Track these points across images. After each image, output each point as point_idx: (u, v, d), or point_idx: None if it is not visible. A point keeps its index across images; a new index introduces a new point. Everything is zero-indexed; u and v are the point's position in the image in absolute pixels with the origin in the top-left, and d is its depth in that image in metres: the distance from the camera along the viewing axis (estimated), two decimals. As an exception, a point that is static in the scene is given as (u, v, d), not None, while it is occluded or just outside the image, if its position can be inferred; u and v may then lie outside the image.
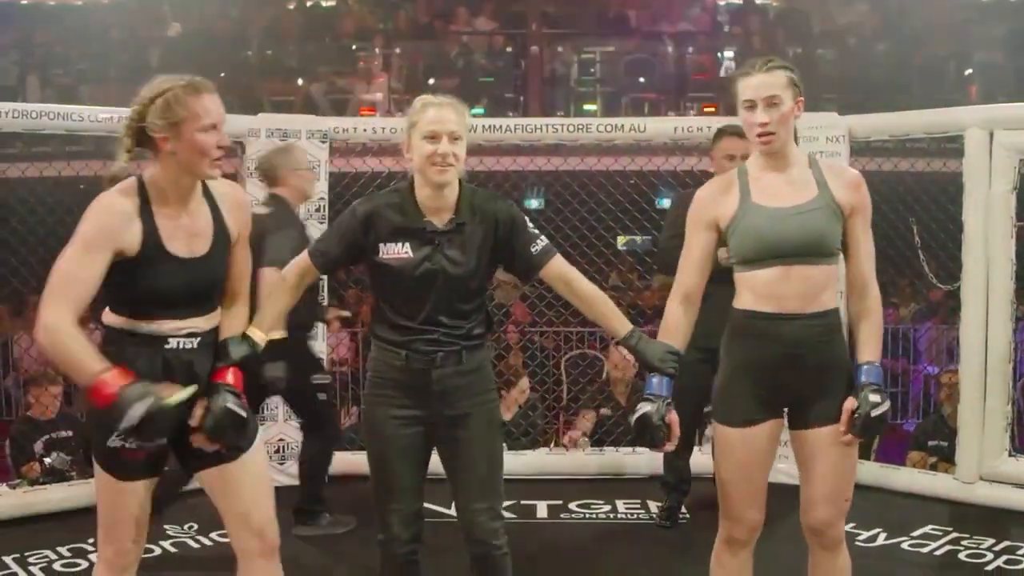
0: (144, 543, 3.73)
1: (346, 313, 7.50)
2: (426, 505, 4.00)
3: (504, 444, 4.07)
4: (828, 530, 3.78)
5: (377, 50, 14.15)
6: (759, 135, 3.68)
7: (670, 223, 5.86)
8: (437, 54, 14.20)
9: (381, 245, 3.76)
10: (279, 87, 13.51)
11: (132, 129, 3.47)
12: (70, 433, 6.89)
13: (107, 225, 3.37)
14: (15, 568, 5.31)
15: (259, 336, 3.70)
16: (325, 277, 6.25)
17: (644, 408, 3.68)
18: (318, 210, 6.81)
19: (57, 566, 5.36)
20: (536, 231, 3.87)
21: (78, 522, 5.95)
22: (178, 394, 3.30)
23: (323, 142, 6.85)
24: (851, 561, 3.86)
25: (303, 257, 3.90)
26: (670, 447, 3.73)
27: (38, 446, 6.80)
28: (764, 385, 3.71)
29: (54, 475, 6.44)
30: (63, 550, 5.56)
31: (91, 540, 5.62)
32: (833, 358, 3.72)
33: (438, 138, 3.69)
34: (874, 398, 3.63)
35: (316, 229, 6.71)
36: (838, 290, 3.79)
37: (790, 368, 3.67)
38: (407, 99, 13.49)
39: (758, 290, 3.69)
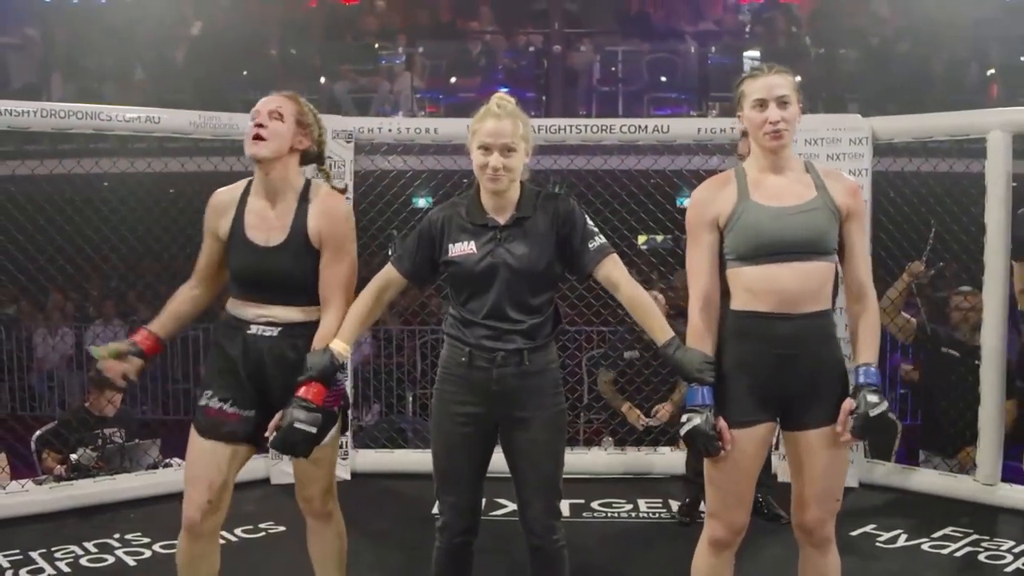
0: (219, 515, 4.05)
1: None
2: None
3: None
4: (818, 529, 3.84)
5: (400, 49, 14.19)
6: (771, 132, 3.73)
7: None
8: (459, 53, 14.24)
9: (450, 245, 3.93)
10: (302, 86, 13.57)
11: None
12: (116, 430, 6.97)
13: (206, 215, 4.11)
14: (42, 563, 5.35)
15: (341, 348, 3.91)
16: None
17: (694, 420, 3.72)
18: (342, 210, 6.80)
19: (83, 561, 5.39)
20: (595, 229, 3.99)
21: (104, 518, 6.03)
22: (101, 348, 4.02)
23: (348, 142, 6.88)
24: (873, 563, 3.88)
25: (386, 269, 4.06)
26: (724, 454, 3.76)
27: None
28: (758, 386, 3.74)
29: (80, 471, 6.47)
30: (89, 545, 5.59)
31: (117, 535, 5.69)
32: (827, 359, 3.76)
33: (490, 151, 3.82)
34: (872, 399, 3.67)
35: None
36: (832, 291, 3.81)
37: (784, 369, 3.70)
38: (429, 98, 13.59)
39: (754, 287, 3.72)
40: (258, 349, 3.97)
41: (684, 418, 3.76)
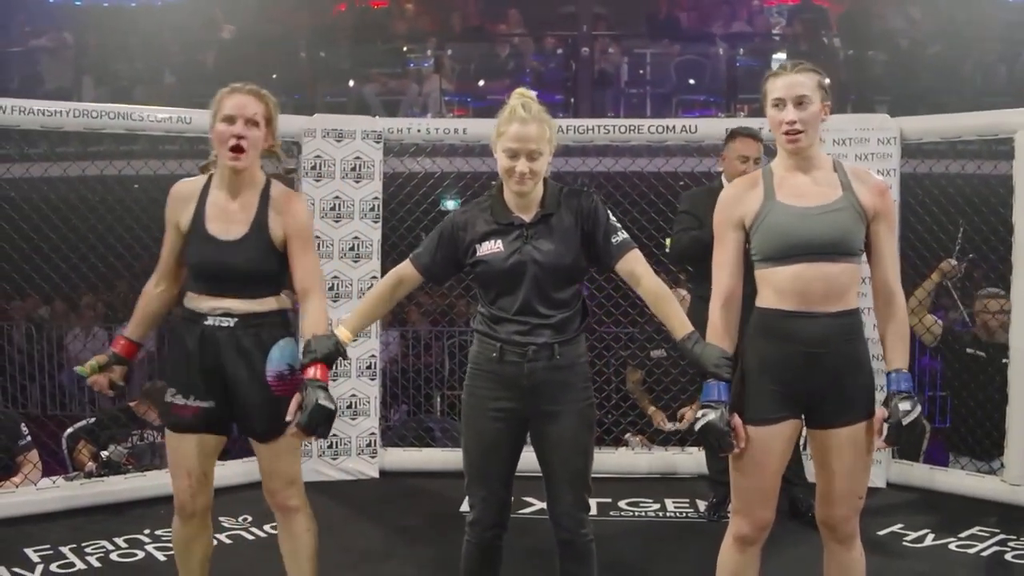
0: (204, 498, 4.21)
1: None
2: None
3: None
4: (842, 526, 3.86)
5: (429, 52, 14.23)
6: (787, 133, 3.75)
7: (679, 220, 6.14)
8: (488, 55, 14.26)
9: (477, 245, 3.97)
10: (331, 88, 13.64)
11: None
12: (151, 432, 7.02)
13: (169, 207, 4.18)
14: (72, 558, 5.41)
15: (345, 335, 4.01)
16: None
17: (709, 416, 3.75)
18: (372, 210, 6.88)
19: (114, 556, 5.45)
20: (618, 224, 4.01)
21: (135, 514, 6.08)
22: (84, 367, 4.26)
23: (377, 142, 6.93)
24: (900, 562, 3.88)
25: (404, 263, 4.12)
26: (737, 451, 3.79)
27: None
28: (784, 384, 3.75)
29: (111, 468, 6.52)
30: (120, 540, 5.65)
31: (147, 531, 5.74)
32: (853, 358, 3.76)
33: (517, 156, 3.86)
34: (904, 406, 3.69)
35: (371, 229, 6.81)
36: (859, 291, 3.82)
37: (810, 367, 3.71)
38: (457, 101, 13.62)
39: (781, 287, 3.73)
40: (215, 340, 4.04)
41: (699, 413, 3.79)
